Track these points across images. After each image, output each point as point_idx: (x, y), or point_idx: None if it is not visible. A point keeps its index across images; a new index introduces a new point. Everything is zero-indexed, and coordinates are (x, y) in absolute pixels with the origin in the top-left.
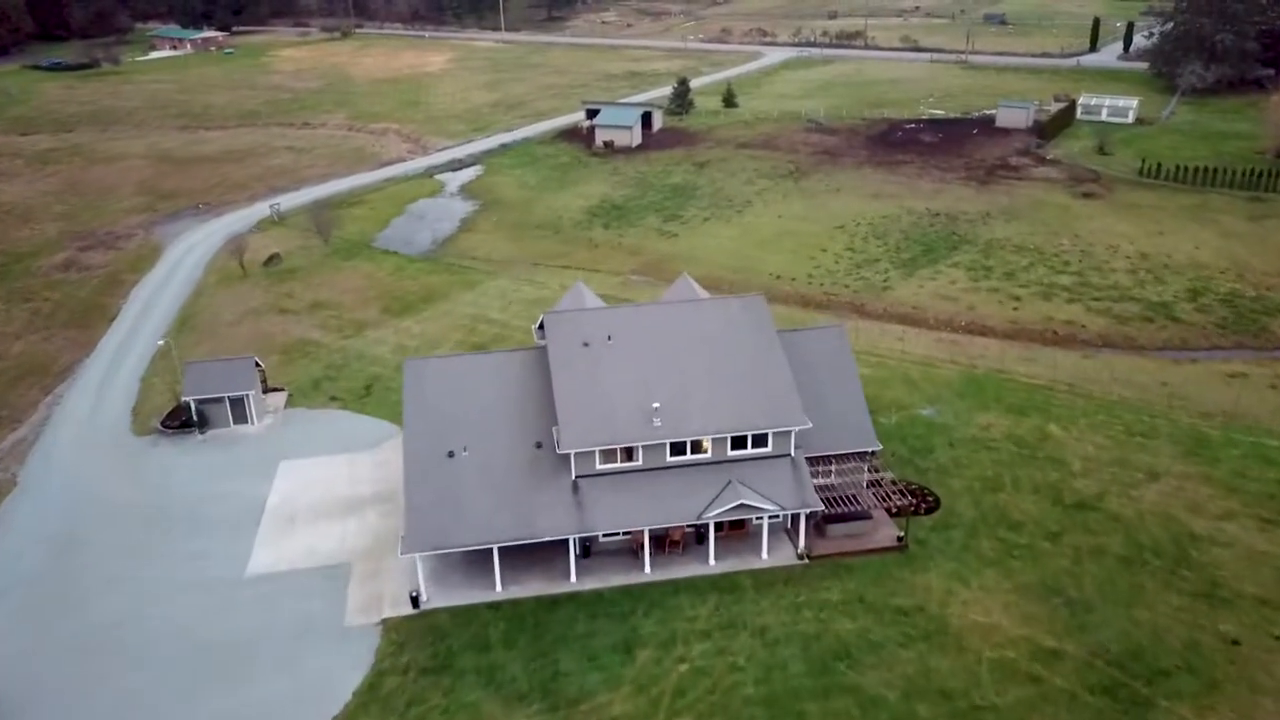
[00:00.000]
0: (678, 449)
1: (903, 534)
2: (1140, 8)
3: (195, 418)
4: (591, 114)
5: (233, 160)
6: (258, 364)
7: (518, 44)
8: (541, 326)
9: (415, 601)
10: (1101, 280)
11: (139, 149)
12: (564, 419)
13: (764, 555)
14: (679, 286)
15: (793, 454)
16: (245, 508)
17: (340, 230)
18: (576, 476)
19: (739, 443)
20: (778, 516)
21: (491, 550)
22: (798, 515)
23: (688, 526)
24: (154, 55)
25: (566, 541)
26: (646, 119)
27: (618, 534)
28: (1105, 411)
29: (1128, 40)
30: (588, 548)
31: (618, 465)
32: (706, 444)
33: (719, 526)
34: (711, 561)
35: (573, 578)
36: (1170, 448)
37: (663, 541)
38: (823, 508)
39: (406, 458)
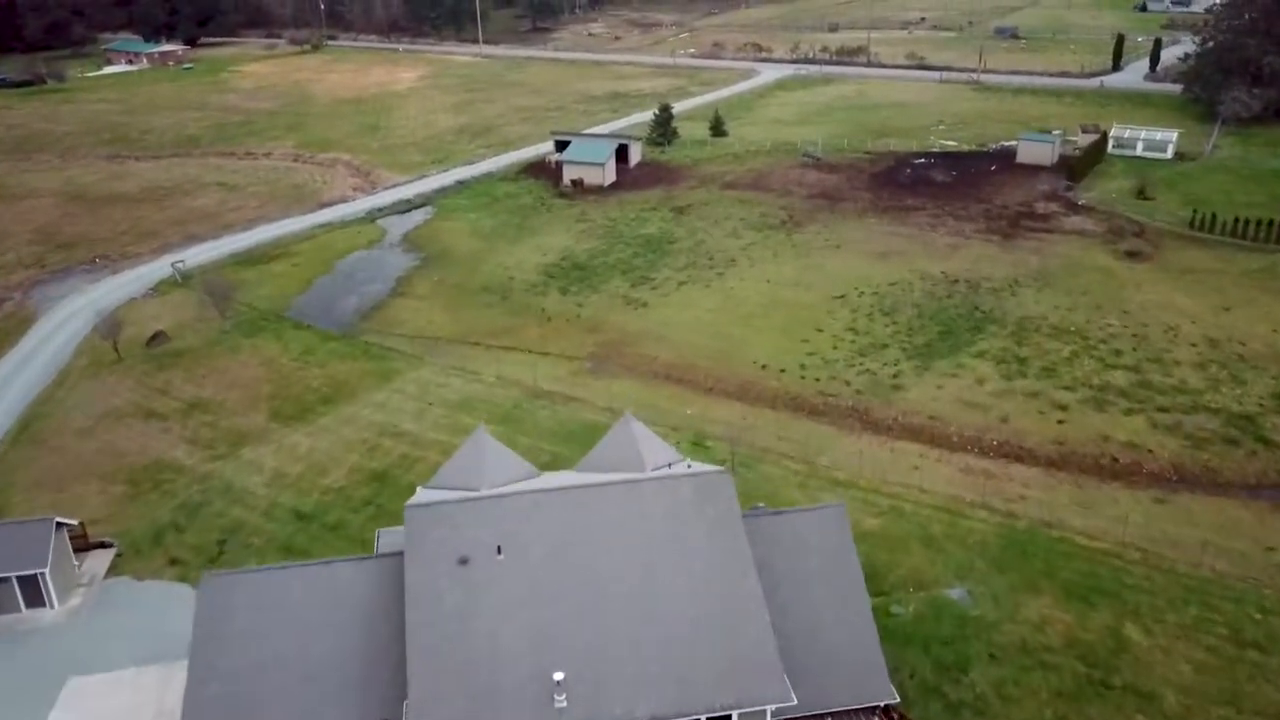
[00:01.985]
0: None
1: None
2: (1160, 20)
3: None
4: (561, 146)
5: (153, 200)
6: (61, 524)
7: (496, 58)
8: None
9: None
10: (1164, 379)
11: (53, 184)
12: (418, 698)
13: None
14: (617, 436)
15: None
16: None
17: (251, 294)
18: None
19: None
20: None
21: None
22: None
23: None
24: (107, 70)
25: None
26: (622, 152)
27: None
28: (1197, 599)
29: (1154, 59)
30: None
31: None
32: None
33: None
34: None
35: None
36: None
37: None
38: None
39: None
